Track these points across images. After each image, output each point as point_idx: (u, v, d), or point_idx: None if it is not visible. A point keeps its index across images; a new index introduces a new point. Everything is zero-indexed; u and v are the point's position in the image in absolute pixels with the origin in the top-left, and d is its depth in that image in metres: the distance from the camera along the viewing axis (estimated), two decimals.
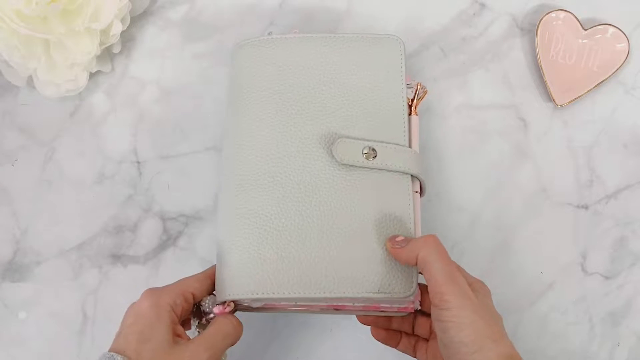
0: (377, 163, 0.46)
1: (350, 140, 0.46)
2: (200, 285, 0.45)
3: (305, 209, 0.45)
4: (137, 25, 0.58)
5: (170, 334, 0.41)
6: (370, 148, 0.46)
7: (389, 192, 0.46)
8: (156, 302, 0.42)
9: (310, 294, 0.44)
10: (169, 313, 0.42)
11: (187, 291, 0.44)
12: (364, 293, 0.43)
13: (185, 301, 0.44)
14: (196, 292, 0.45)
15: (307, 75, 0.49)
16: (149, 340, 0.41)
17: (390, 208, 0.46)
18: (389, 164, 0.46)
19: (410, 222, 0.46)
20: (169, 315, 0.42)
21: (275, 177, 0.46)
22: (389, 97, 0.49)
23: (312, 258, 0.44)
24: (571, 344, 0.55)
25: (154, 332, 0.41)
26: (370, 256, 0.44)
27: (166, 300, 0.42)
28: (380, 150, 0.46)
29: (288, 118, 0.48)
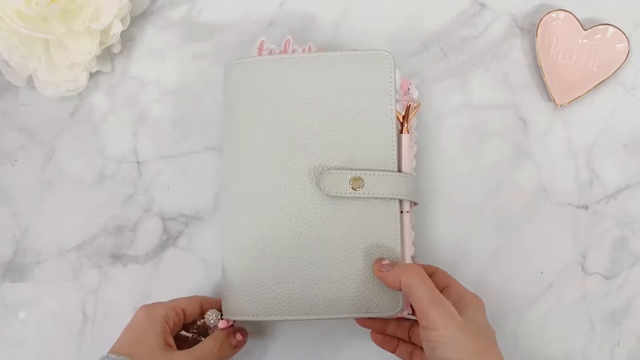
0: (364, 192, 0.48)
1: (338, 171, 0.48)
2: (190, 304, 0.49)
3: (296, 239, 0.48)
4: (137, 25, 0.58)
5: (162, 342, 0.45)
6: (358, 178, 0.47)
7: (377, 219, 0.48)
8: (150, 312, 0.47)
9: (304, 316, 0.47)
10: (161, 323, 0.46)
11: (179, 307, 0.48)
12: (353, 314, 0.47)
13: (176, 315, 0.48)
14: (186, 310, 0.49)
15: (296, 101, 0.49)
16: (143, 343, 0.44)
17: (377, 234, 0.48)
18: (376, 192, 0.48)
19: (397, 246, 0.48)
20: (162, 325, 0.46)
21: (267, 208, 0.48)
22: (378, 120, 0.49)
23: (305, 284, 0.47)
24: (571, 344, 0.55)
25: (147, 337, 0.45)
26: (358, 280, 0.47)
27: (159, 311, 0.47)
28: (367, 179, 0.48)
29: (278, 148, 0.49)
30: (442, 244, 0.56)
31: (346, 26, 0.58)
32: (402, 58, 0.57)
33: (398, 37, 0.58)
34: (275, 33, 0.58)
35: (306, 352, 0.55)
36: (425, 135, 0.56)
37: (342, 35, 0.58)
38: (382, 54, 0.50)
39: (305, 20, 0.59)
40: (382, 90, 0.49)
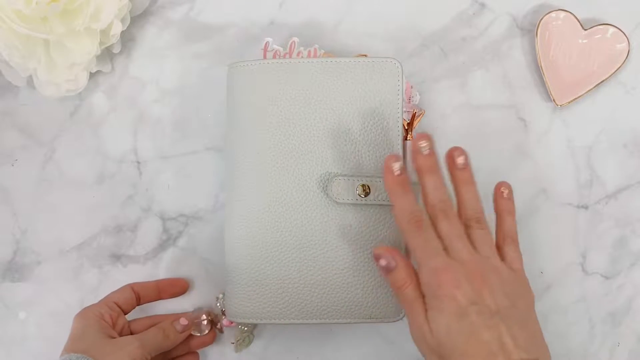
0: (370, 199, 0.48)
1: (344, 178, 0.48)
2: (121, 294, 0.51)
3: (301, 245, 0.48)
4: (137, 25, 0.58)
5: (104, 334, 0.47)
6: (364, 185, 0.48)
7: (382, 226, 0.49)
8: (83, 315, 0.48)
9: (307, 320, 0.48)
10: (97, 321, 0.48)
11: (110, 301, 0.50)
12: (357, 319, 0.48)
13: (110, 309, 0.49)
14: (119, 301, 0.50)
15: (302, 107, 0.49)
16: (81, 340, 0.46)
17: (382, 240, 0.49)
18: (383, 199, 0.48)
19: (402, 252, 0.47)
20: (98, 322, 0.48)
21: (273, 212, 0.49)
22: (385, 128, 0.49)
23: (309, 289, 0.48)
24: (571, 344, 0.55)
25: (85, 335, 0.47)
26: (362, 286, 0.48)
27: (92, 311, 0.48)
28: (374, 186, 0.48)
29: (284, 154, 0.49)
30: None
31: (346, 26, 0.58)
32: (402, 58, 0.57)
33: (398, 37, 0.58)
34: (276, 33, 0.58)
35: (306, 352, 0.55)
36: None
37: (342, 35, 0.58)
38: (390, 62, 0.50)
39: (306, 20, 0.58)
40: (390, 99, 0.49)
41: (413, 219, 0.43)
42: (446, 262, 0.42)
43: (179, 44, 0.58)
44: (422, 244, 0.43)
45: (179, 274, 0.56)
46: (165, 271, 0.56)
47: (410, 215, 0.43)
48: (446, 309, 0.40)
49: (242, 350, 0.54)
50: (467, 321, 0.40)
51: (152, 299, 0.53)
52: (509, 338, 0.40)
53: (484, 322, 0.40)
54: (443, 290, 0.41)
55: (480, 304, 0.40)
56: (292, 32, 0.58)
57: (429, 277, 0.42)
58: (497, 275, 0.43)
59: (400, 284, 0.43)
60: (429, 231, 0.43)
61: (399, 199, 0.44)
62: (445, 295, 0.41)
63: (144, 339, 0.48)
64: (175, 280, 0.55)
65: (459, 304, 0.40)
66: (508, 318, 0.41)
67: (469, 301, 0.40)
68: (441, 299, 0.41)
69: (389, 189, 0.44)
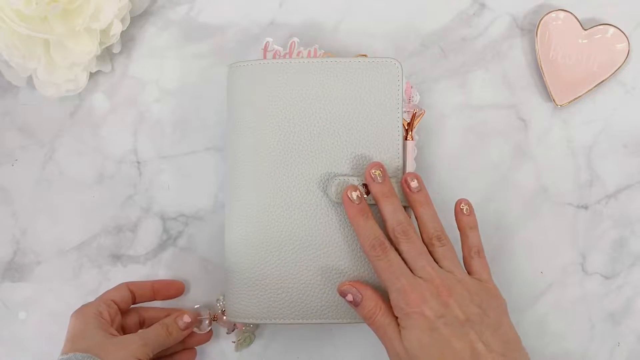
0: (370, 199, 0.48)
1: (345, 178, 0.48)
2: (117, 292, 0.51)
3: (303, 245, 0.48)
4: (137, 25, 0.58)
5: (104, 332, 0.47)
6: (364, 185, 0.48)
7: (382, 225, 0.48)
8: (81, 314, 0.48)
9: (307, 320, 0.48)
10: (96, 319, 0.47)
11: (108, 299, 0.50)
12: (357, 319, 0.48)
13: (108, 307, 0.49)
14: (116, 299, 0.50)
15: (303, 107, 0.49)
16: (83, 339, 0.46)
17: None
18: None
19: None
20: (97, 321, 0.47)
21: (273, 213, 0.49)
22: (385, 128, 0.49)
23: (309, 289, 0.48)
24: (571, 344, 0.55)
25: (85, 333, 0.46)
26: None
27: (90, 310, 0.48)
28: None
29: (284, 153, 0.49)
30: None
31: (346, 26, 0.58)
32: (402, 58, 0.57)
33: (398, 37, 0.58)
34: (276, 33, 0.58)
35: (306, 352, 0.55)
36: (425, 135, 0.56)
37: (342, 35, 0.58)
38: (390, 62, 0.50)
39: (305, 20, 0.58)
40: (390, 99, 0.49)
41: (376, 244, 0.45)
42: (411, 281, 0.43)
43: (179, 44, 0.58)
44: (386, 267, 0.44)
45: (179, 274, 0.56)
46: (165, 271, 0.56)
47: (373, 240, 0.45)
48: (416, 325, 0.42)
49: (243, 349, 0.54)
50: (437, 333, 0.42)
51: (147, 299, 0.53)
52: (481, 344, 0.42)
53: (454, 332, 0.42)
54: (411, 308, 0.42)
55: (448, 316, 0.42)
56: (292, 32, 0.58)
57: (397, 298, 0.43)
58: (463, 286, 0.44)
59: (370, 314, 0.45)
60: (391, 254, 0.45)
61: (360, 227, 0.46)
62: (414, 311, 0.42)
63: (147, 337, 0.47)
64: (171, 282, 0.55)
65: (428, 319, 0.42)
66: (478, 325, 0.43)
67: (437, 314, 0.42)
68: (410, 315, 0.42)
69: (350, 219, 0.47)
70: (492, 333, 0.43)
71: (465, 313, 0.42)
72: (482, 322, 0.43)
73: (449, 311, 0.42)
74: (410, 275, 0.44)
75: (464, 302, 0.43)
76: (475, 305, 0.43)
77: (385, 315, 0.44)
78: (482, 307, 0.43)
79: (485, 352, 0.41)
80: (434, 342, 0.42)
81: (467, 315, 0.42)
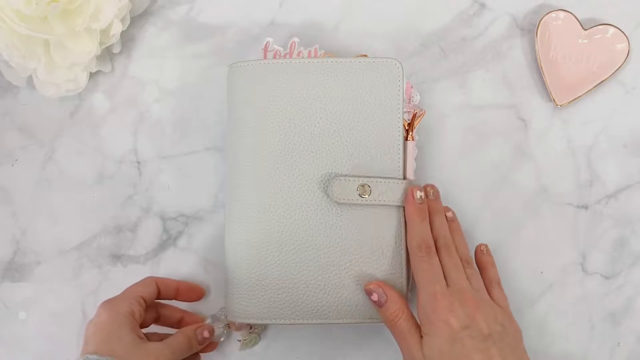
0: (371, 199, 0.48)
1: (345, 178, 0.48)
2: (145, 289, 0.49)
3: (301, 244, 0.48)
4: (137, 25, 0.58)
5: (135, 336, 0.45)
6: (365, 185, 0.48)
7: (382, 226, 0.49)
8: (115, 310, 0.46)
9: (308, 320, 0.48)
10: (129, 319, 0.46)
11: (138, 296, 0.48)
12: (357, 319, 0.48)
13: (139, 305, 0.47)
14: (145, 296, 0.48)
15: (303, 107, 0.49)
16: (117, 340, 0.44)
17: (382, 240, 0.49)
18: (383, 199, 0.48)
19: (402, 252, 0.49)
20: (130, 321, 0.46)
21: (273, 213, 0.49)
22: (385, 128, 0.49)
23: (309, 289, 0.48)
24: (571, 344, 0.55)
25: (120, 335, 0.44)
26: (363, 287, 0.48)
27: (124, 308, 0.46)
28: (374, 186, 0.48)
29: (285, 153, 0.49)
30: None
31: (346, 26, 0.58)
32: (402, 58, 0.57)
33: (398, 37, 0.58)
34: (276, 33, 0.58)
35: (306, 352, 0.55)
36: (425, 135, 0.56)
37: (342, 35, 0.58)
38: (390, 62, 0.50)
39: (305, 20, 0.59)
40: (390, 99, 0.49)
41: (424, 245, 0.47)
42: (444, 289, 0.45)
43: (179, 44, 0.58)
44: (427, 268, 0.46)
45: (179, 274, 0.56)
46: (165, 271, 0.56)
47: (422, 240, 0.47)
48: (439, 333, 0.43)
49: (246, 349, 0.54)
50: (459, 344, 0.43)
51: (169, 297, 0.52)
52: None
53: (476, 345, 0.43)
54: (437, 315, 0.44)
55: (473, 328, 0.43)
56: (292, 32, 0.58)
57: (427, 301, 0.45)
58: (489, 304, 0.46)
59: (393, 317, 0.46)
60: (434, 259, 0.47)
61: (415, 226, 0.48)
62: (440, 319, 0.43)
63: (174, 346, 0.47)
64: (194, 287, 0.54)
65: (452, 328, 0.43)
66: (500, 342, 0.44)
67: (462, 325, 0.43)
68: (435, 323, 0.44)
69: (408, 214, 0.48)
70: (511, 352, 0.44)
71: (489, 327, 0.44)
72: (502, 340, 0.44)
73: (475, 324, 0.43)
74: (444, 284, 0.45)
75: (489, 318, 0.44)
76: (498, 323, 0.44)
77: (407, 320, 0.45)
78: (504, 326, 0.45)
79: None
80: (454, 353, 0.42)
81: (491, 330, 0.44)
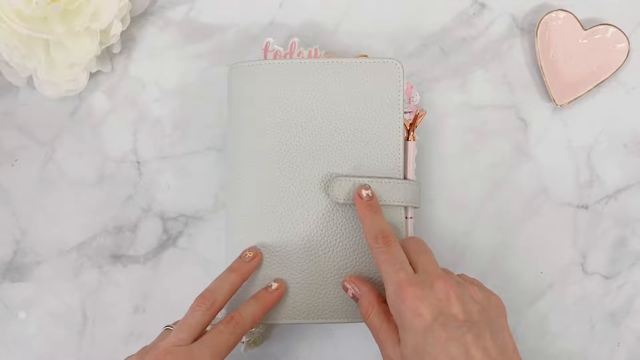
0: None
1: (346, 178, 0.48)
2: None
3: (302, 245, 0.48)
4: (137, 25, 0.58)
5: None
6: (365, 185, 0.48)
7: None
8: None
9: (307, 320, 0.48)
10: None
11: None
12: (357, 319, 0.48)
13: None
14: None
15: (304, 108, 0.49)
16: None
17: None
18: (383, 199, 0.48)
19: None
20: None
21: (275, 213, 0.49)
22: (386, 128, 0.49)
23: (310, 289, 0.48)
24: (571, 344, 0.55)
25: None
26: None
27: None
28: (375, 186, 0.48)
29: (285, 154, 0.49)
30: (443, 243, 0.56)
31: (346, 26, 0.58)
32: (402, 58, 0.57)
33: (398, 37, 0.58)
34: (276, 33, 0.58)
35: (306, 352, 0.55)
36: (425, 135, 0.56)
37: (342, 35, 0.58)
38: (391, 62, 0.50)
39: (305, 20, 0.59)
40: (391, 100, 0.49)
41: (380, 235, 0.44)
42: (410, 275, 0.41)
43: (179, 44, 0.58)
44: (388, 259, 0.43)
45: (179, 274, 0.56)
46: (165, 271, 0.56)
47: (378, 231, 0.45)
48: (411, 326, 0.39)
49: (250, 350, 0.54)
50: (431, 337, 0.39)
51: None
52: (479, 350, 0.38)
53: (451, 334, 0.38)
54: (406, 305, 0.40)
55: (446, 314, 0.39)
56: (292, 32, 0.58)
57: (394, 291, 0.41)
58: (463, 283, 0.42)
59: (364, 312, 0.44)
60: (394, 247, 0.43)
61: (367, 220, 0.46)
62: (409, 309, 0.40)
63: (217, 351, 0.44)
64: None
65: (423, 319, 0.39)
66: (478, 325, 0.39)
67: (433, 313, 0.39)
68: (405, 315, 0.40)
69: (359, 212, 0.47)
70: (491, 336, 0.39)
71: (465, 311, 0.40)
72: (481, 321, 0.40)
73: (448, 309, 0.39)
74: (410, 271, 0.42)
75: (465, 298, 0.40)
76: (476, 302, 0.41)
77: (377, 314, 0.43)
78: (482, 304, 0.41)
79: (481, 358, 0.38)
80: (429, 347, 0.38)
81: (467, 314, 0.40)
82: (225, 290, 0.46)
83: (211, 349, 0.43)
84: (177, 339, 0.43)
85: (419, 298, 0.40)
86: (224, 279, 0.47)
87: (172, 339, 0.43)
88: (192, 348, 0.42)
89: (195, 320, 0.44)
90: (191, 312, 0.45)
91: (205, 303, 0.45)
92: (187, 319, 0.44)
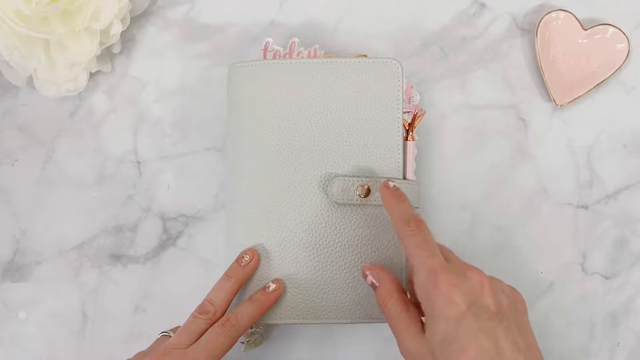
0: (371, 200, 0.48)
1: (345, 178, 0.48)
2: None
3: (301, 245, 0.48)
4: (137, 25, 0.58)
5: None
6: (365, 186, 0.48)
7: (382, 226, 0.49)
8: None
9: (307, 320, 0.48)
10: None
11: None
12: (357, 319, 0.48)
13: None
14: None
15: (303, 108, 0.49)
16: None
17: (382, 240, 0.49)
18: None
19: (402, 251, 0.49)
20: None
21: (274, 213, 0.49)
22: (385, 128, 0.49)
23: (309, 289, 0.48)
24: (571, 344, 0.55)
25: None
26: (362, 286, 0.48)
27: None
28: (374, 186, 0.48)
29: (285, 154, 0.49)
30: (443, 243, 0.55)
31: (346, 26, 0.58)
32: (402, 58, 0.57)
33: (398, 37, 0.58)
34: (276, 33, 0.58)
35: (306, 352, 0.55)
36: (425, 135, 0.56)
37: (342, 35, 0.58)
38: (390, 62, 0.50)
39: (305, 20, 0.59)
40: (390, 99, 0.49)
41: (412, 220, 0.43)
42: (444, 263, 0.40)
43: (179, 44, 0.58)
44: (420, 242, 0.42)
45: (179, 273, 0.56)
46: (165, 271, 0.56)
47: (410, 216, 0.43)
48: (443, 314, 0.38)
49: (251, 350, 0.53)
50: (464, 326, 0.38)
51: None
52: (508, 343, 0.38)
53: (482, 325, 0.38)
54: (440, 291, 0.39)
55: (479, 304, 0.39)
56: (292, 32, 0.58)
57: (426, 277, 0.40)
58: (494, 277, 0.42)
59: (382, 300, 0.43)
60: (427, 232, 0.42)
61: (396, 208, 0.45)
62: (442, 296, 0.39)
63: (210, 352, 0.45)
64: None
65: (457, 306, 0.38)
66: (508, 318, 0.39)
67: (467, 302, 0.38)
68: (437, 301, 0.39)
69: (386, 202, 0.45)
70: (518, 331, 0.39)
71: (497, 303, 0.39)
72: (510, 315, 0.40)
73: (482, 300, 0.39)
74: (443, 259, 0.41)
75: (496, 290, 0.40)
76: (505, 295, 0.40)
77: (396, 303, 0.42)
78: (510, 297, 0.41)
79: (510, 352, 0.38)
80: (460, 337, 0.37)
81: (498, 307, 0.39)
82: (224, 300, 0.47)
83: (206, 351, 0.44)
84: (177, 342, 0.45)
85: (454, 285, 0.39)
86: (221, 287, 0.48)
87: (172, 342, 0.45)
88: (188, 350, 0.44)
89: (196, 327, 0.46)
90: (193, 319, 0.46)
91: (207, 314, 0.46)
92: (188, 325, 0.46)
